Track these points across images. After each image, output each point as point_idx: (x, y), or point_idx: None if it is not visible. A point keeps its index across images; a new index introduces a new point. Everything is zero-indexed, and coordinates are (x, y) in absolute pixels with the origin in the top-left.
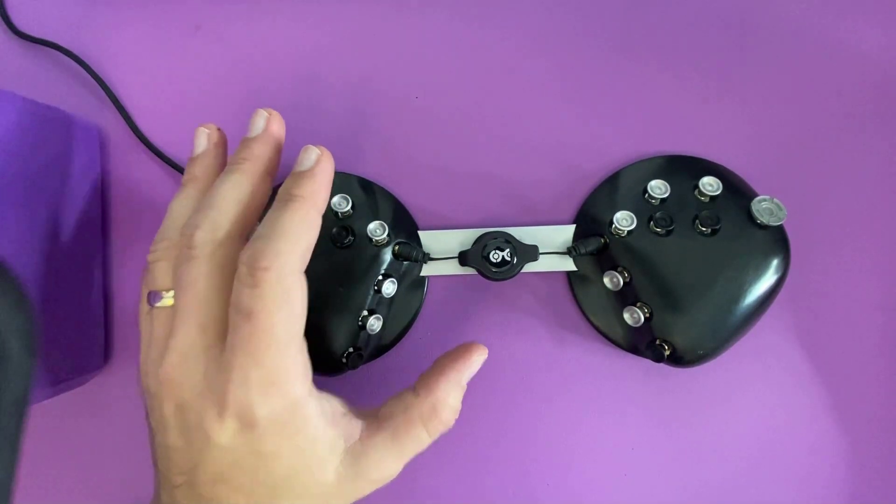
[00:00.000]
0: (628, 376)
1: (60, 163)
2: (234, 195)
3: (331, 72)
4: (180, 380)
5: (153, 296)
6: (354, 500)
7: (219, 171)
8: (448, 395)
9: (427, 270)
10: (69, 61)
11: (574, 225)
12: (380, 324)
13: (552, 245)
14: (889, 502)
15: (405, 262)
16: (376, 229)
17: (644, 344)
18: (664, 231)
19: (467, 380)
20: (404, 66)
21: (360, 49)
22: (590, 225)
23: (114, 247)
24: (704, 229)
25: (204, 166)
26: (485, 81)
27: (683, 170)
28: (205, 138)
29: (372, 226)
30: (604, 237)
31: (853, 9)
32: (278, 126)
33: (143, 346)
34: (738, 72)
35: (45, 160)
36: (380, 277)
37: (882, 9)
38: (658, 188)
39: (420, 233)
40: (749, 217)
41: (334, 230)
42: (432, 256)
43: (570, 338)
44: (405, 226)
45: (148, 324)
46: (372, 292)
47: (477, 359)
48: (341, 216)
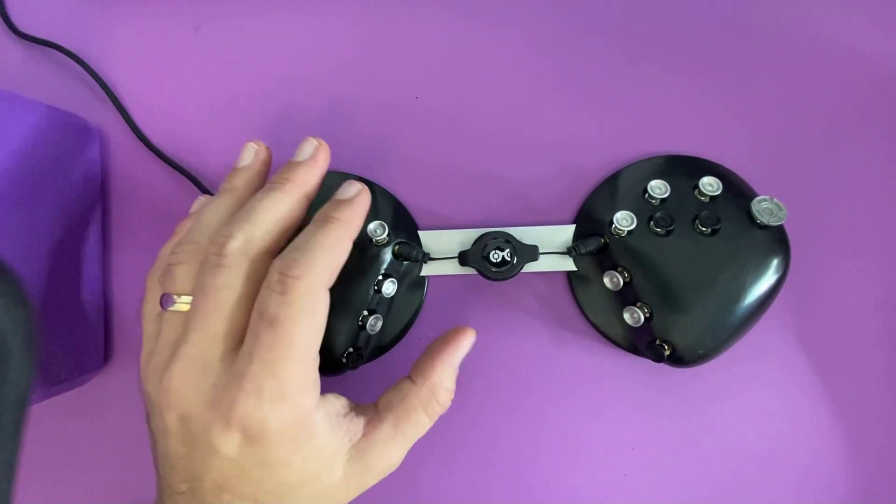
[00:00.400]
0: (628, 376)
1: (61, 163)
2: (273, 212)
3: (331, 72)
4: (185, 389)
5: (166, 299)
6: (361, 492)
7: (258, 187)
8: (443, 379)
9: (427, 270)
10: (69, 61)
11: (574, 225)
12: (380, 324)
13: (552, 245)
14: (889, 502)
15: (405, 262)
16: (376, 229)
17: (644, 344)
18: (664, 231)
19: (459, 361)
20: (404, 66)
21: (360, 49)
22: (590, 225)
23: (114, 247)
24: (704, 229)
25: (245, 179)
26: (485, 81)
27: (683, 170)
28: (252, 153)
29: (372, 226)
30: (604, 237)
31: (853, 9)
32: (325, 156)
33: (146, 350)
34: (739, 72)
35: (46, 160)
36: (380, 277)
37: (882, 9)
38: (658, 188)
39: (420, 233)
40: (749, 217)
41: None
42: (432, 256)
43: (570, 338)
44: (405, 226)
45: (154, 327)
46: (372, 292)
47: (467, 341)
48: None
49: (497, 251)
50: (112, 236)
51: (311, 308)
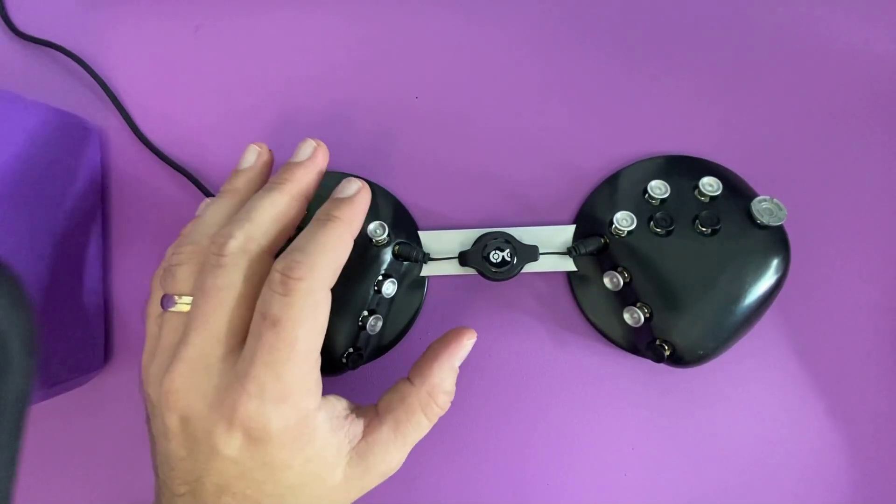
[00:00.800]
0: (628, 376)
1: (61, 163)
2: (272, 212)
3: (330, 72)
4: (186, 391)
5: (167, 299)
6: (362, 494)
7: (259, 189)
8: (443, 381)
9: (427, 270)
10: (69, 61)
11: (574, 225)
12: (380, 324)
13: (552, 245)
14: (889, 502)
15: (405, 263)
16: (376, 229)
17: (644, 344)
18: (664, 231)
19: (459, 363)
20: (404, 67)
21: (360, 49)
22: (590, 225)
23: (114, 247)
24: (704, 229)
25: (246, 180)
26: (485, 81)
27: (683, 170)
28: (254, 155)
29: (372, 226)
30: (604, 237)
31: (853, 9)
32: (323, 157)
33: (147, 350)
34: (739, 72)
35: (46, 160)
36: (380, 278)
37: (882, 9)
38: (658, 188)
39: (420, 233)
40: (749, 217)
41: None
42: (432, 256)
43: (570, 338)
44: (405, 226)
45: (156, 328)
46: (372, 292)
47: (467, 342)
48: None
49: (497, 251)
50: (112, 236)
51: (314, 309)
